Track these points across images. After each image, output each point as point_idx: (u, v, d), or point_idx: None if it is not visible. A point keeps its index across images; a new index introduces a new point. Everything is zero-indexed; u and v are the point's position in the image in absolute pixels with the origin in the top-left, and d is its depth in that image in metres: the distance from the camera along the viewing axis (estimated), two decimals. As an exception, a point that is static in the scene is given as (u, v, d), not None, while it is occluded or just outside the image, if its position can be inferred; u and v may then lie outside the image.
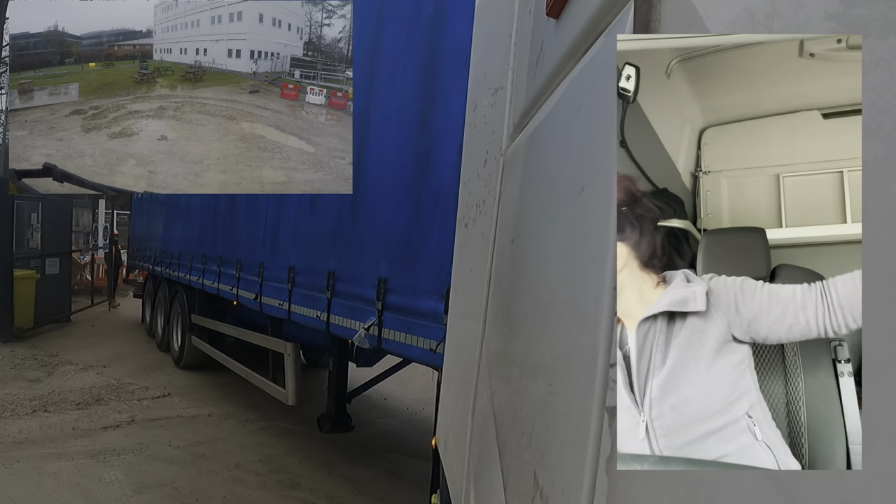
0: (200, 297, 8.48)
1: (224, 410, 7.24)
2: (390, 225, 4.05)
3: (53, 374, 8.57)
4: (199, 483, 5.17)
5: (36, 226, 11.96)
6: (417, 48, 3.87)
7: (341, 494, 5.12)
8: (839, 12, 0.53)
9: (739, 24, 0.63)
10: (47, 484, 4.99)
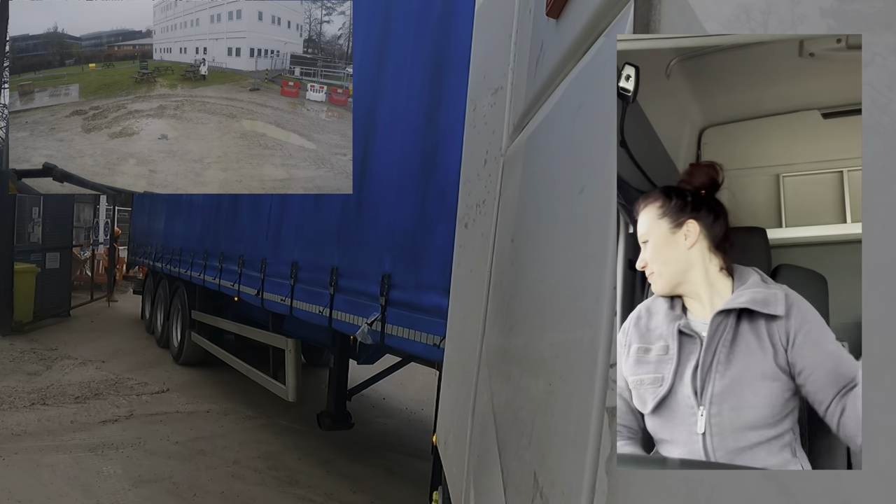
0: (201, 293, 8.46)
1: (223, 407, 7.21)
2: (395, 220, 4.05)
3: (52, 367, 8.54)
4: (197, 478, 5.14)
5: (37, 220, 11.93)
6: (425, 45, 3.87)
7: (339, 492, 5.11)
8: (836, 8, 0.53)
9: (739, 24, 0.63)
10: (45, 476, 4.97)
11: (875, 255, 0.45)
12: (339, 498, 5.01)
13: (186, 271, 8.67)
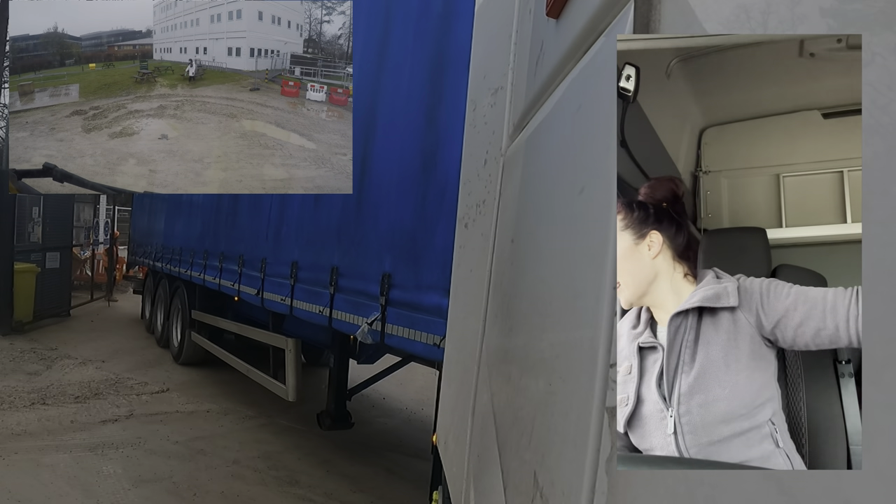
0: (201, 292, 8.47)
1: (223, 407, 7.20)
2: (395, 220, 4.07)
3: (52, 367, 8.53)
4: (197, 478, 5.14)
5: (37, 220, 11.96)
6: (425, 45, 3.88)
7: (339, 492, 5.11)
8: (836, 8, 0.53)
9: (738, 25, 0.63)
10: (45, 476, 4.98)
11: (875, 255, 0.45)
12: (339, 497, 5.02)
13: (186, 271, 8.67)
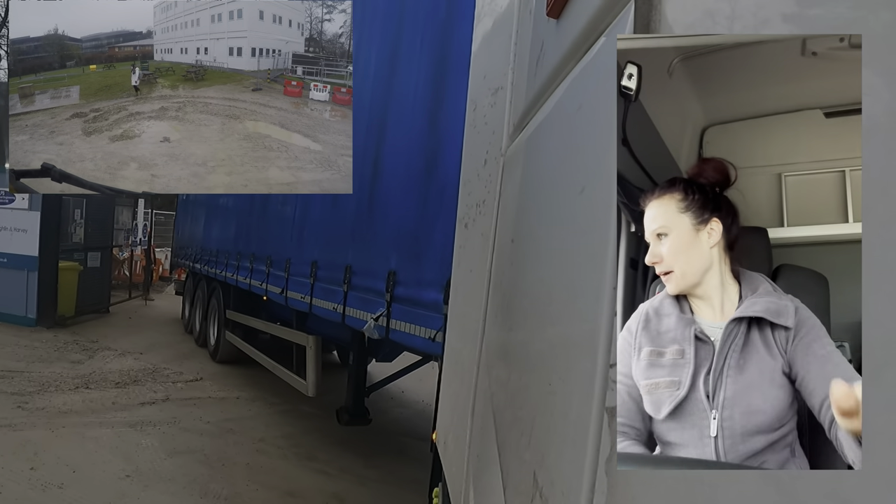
0: (235, 293, 8.73)
1: (252, 394, 7.79)
2: (401, 220, 4.18)
3: (94, 357, 9.14)
4: (225, 452, 5.78)
5: (79, 221, 12.48)
6: (430, 49, 3.97)
7: (353, 467, 5.68)
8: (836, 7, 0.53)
9: (739, 24, 0.63)
10: (90, 446, 5.58)
11: (875, 255, 0.45)
12: (353, 472, 5.57)
13: (222, 272, 9.00)
